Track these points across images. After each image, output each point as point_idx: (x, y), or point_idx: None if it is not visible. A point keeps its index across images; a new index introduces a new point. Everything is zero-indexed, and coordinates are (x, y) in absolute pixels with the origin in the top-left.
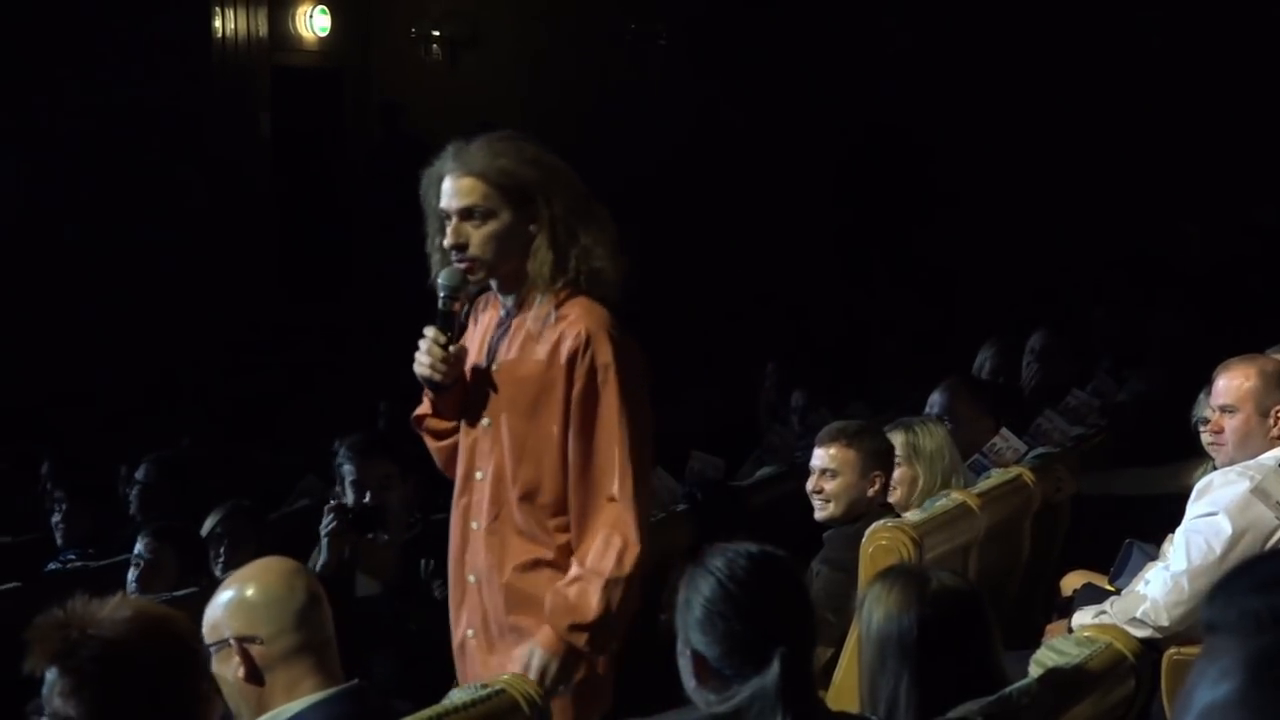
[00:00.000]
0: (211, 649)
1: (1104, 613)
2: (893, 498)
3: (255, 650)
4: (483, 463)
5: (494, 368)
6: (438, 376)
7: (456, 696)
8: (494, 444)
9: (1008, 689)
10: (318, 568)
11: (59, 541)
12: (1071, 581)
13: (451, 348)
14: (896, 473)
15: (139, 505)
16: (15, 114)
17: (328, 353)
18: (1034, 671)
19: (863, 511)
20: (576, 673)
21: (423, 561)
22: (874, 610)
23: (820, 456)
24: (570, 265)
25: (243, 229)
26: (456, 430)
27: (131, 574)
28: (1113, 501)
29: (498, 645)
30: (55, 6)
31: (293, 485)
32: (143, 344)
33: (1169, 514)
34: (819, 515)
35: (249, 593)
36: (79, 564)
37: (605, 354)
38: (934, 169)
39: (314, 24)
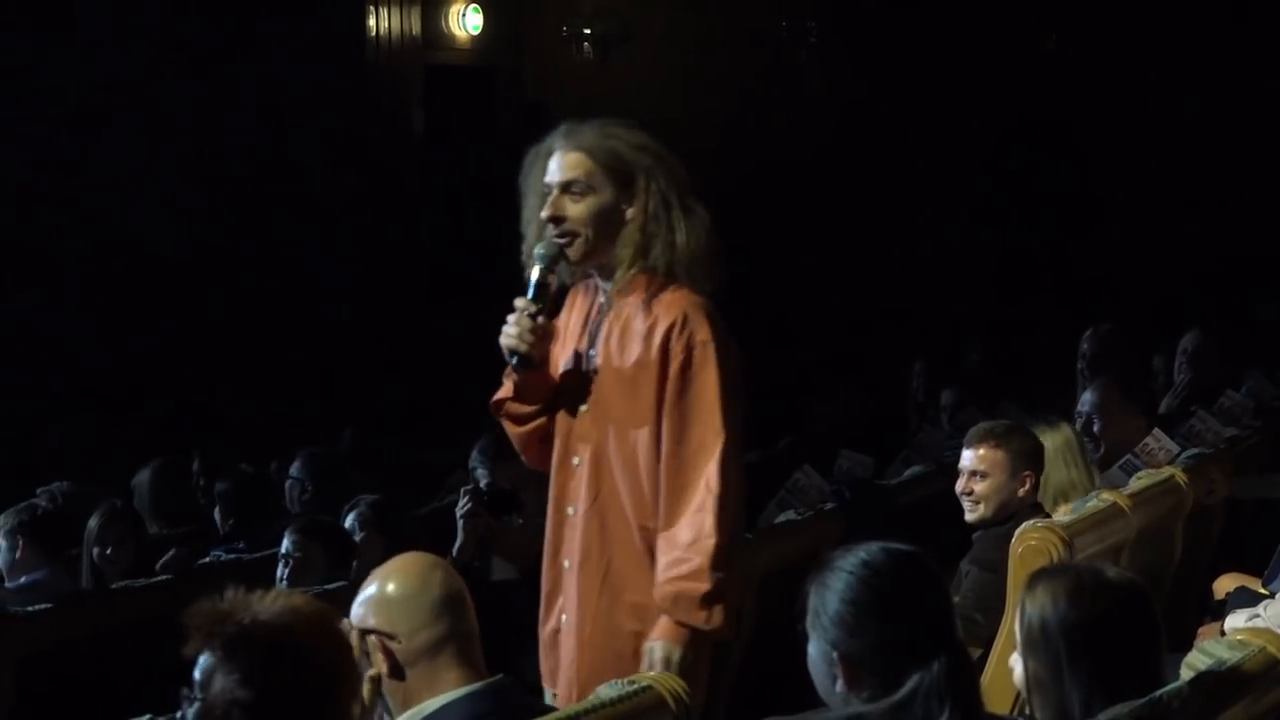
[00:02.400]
0: (357, 639)
1: (1257, 616)
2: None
3: (395, 647)
4: (581, 448)
5: (595, 354)
6: (524, 347)
7: (603, 692)
8: (593, 428)
9: (1158, 692)
10: (454, 552)
11: (221, 533)
12: (1224, 584)
13: (541, 319)
14: None
15: (292, 500)
16: (169, 114)
17: (476, 349)
18: (1185, 674)
19: (1013, 512)
20: (704, 652)
21: None
22: (1035, 608)
23: (969, 458)
24: (654, 253)
25: (395, 227)
26: (538, 416)
27: (281, 569)
28: (1267, 503)
29: (591, 632)
30: (212, 7)
31: (443, 482)
32: (298, 340)
33: None
34: (969, 517)
35: (388, 589)
36: (231, 558)
37: (703, 332)
38: (1088, 167)
39: (466, 23)
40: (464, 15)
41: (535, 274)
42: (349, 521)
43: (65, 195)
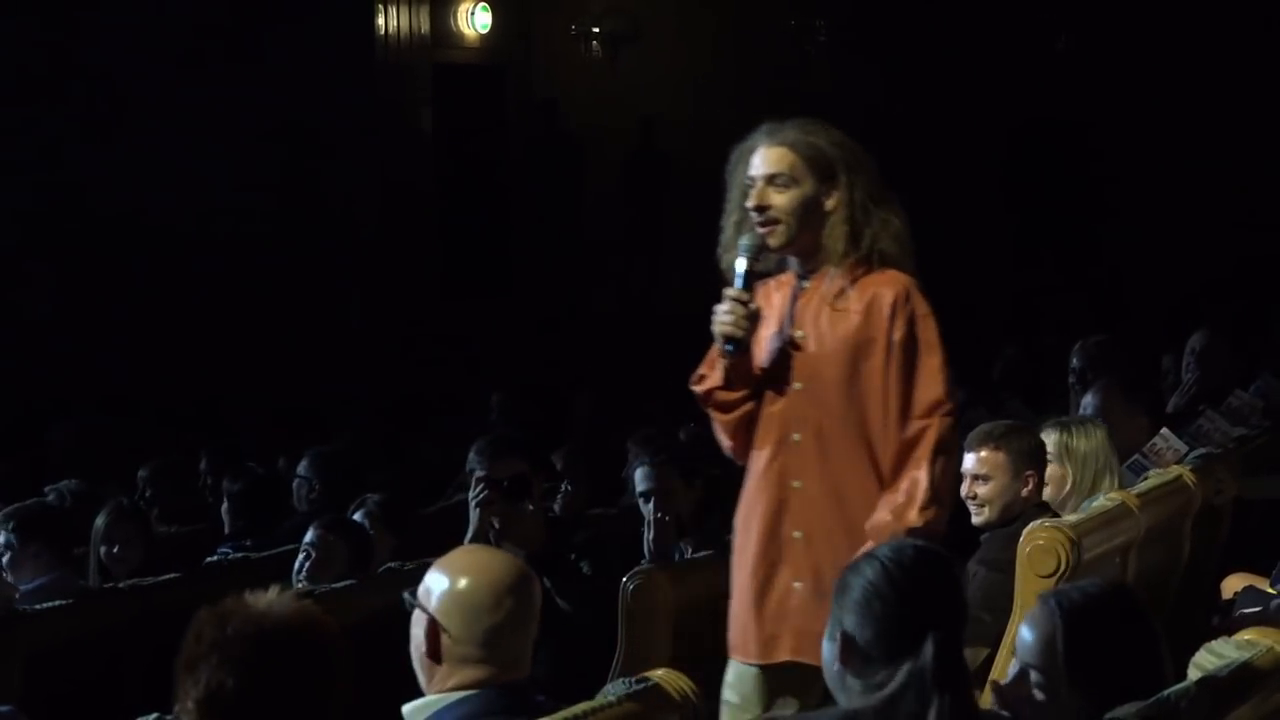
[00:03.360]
0: (412, 606)
1: (1265, 615)
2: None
3: (444, 639)
4: (798, 425)
5: (801, 335)
6: (739, 333)
7: (609, 692)
8: (810, 406)
9: (1165, 691)
10: (467, 540)
11: (227, 531)
12: (1232, 584)
13: (752, 305)
14: (1047, 470)
15: (301, 498)
16: (179, 115)
17: (486, 347)
18: (1192, 674)
19: (1019, 512)
20: None
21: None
22: (1035, 625)
23: (970, 461)
24: (863, 243)
25: (404, 225)
26: (745, 401)
27: (300, 561)
28: (1275, 503)
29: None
30: (222, 7)
31: (452, 480)
32: (309, 339)
33: None
34: (975, 520)
35: (460, 586)
36: (239, 556)
37: (923, 307)
38: (1100, 167)
39: (475, 21)
40: (473, 14)
41: (742, 263)
42: (357, 519)
43: (76, 196)
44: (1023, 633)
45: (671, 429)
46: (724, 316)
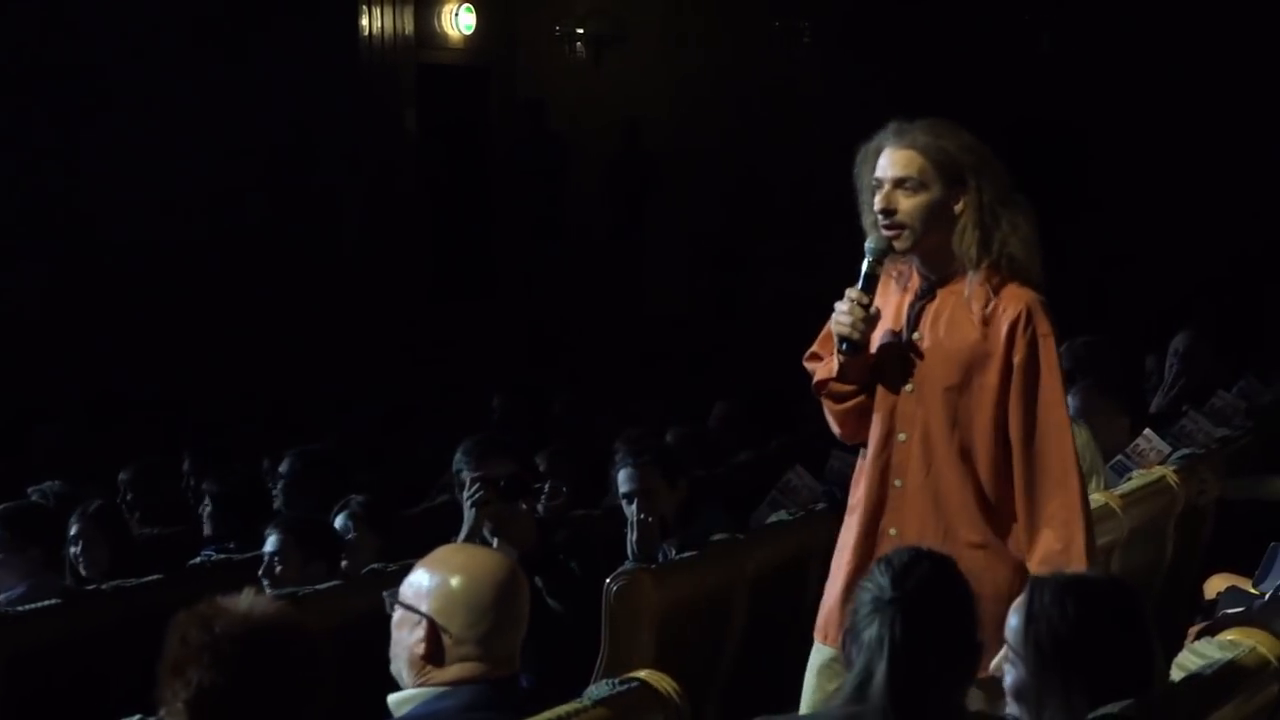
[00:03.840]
0: (400, 607)
1: (1248, 616)
2: None
3: (445, 639)
4: (905, 425)
5: (918, 337)
6: (856, 335)
7: (593, 692)
8: (918, 407)
9: (1149, 692)
10: (460, 538)
11: (207, 533)
12: (1215, 584)
13: (871, 309)
14: None
15: (284, 499)
16: (166, 111)
17: (470, 348)
18: (1176, 674)
19: None
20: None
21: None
22: (1038, 617)
23: None
24: (994, 248)
25: (388, 226)
26: (858, 395)
27: (264, 567)
28: (1258, 504)
29: None
30: (206, 8)
31: (436, 481)
32: (293, 340)
33: None
34: None
35: (461, 585)
36: (222, 558)
37: (1045, 326)
38: (1085, 167)
39: (459, 22)
40: (457, 15)
41: (865, 266)
42: (340, 521)
43: (59, 197)
44: (1011, 620)
45: (659, 429)
46: (843, 317)
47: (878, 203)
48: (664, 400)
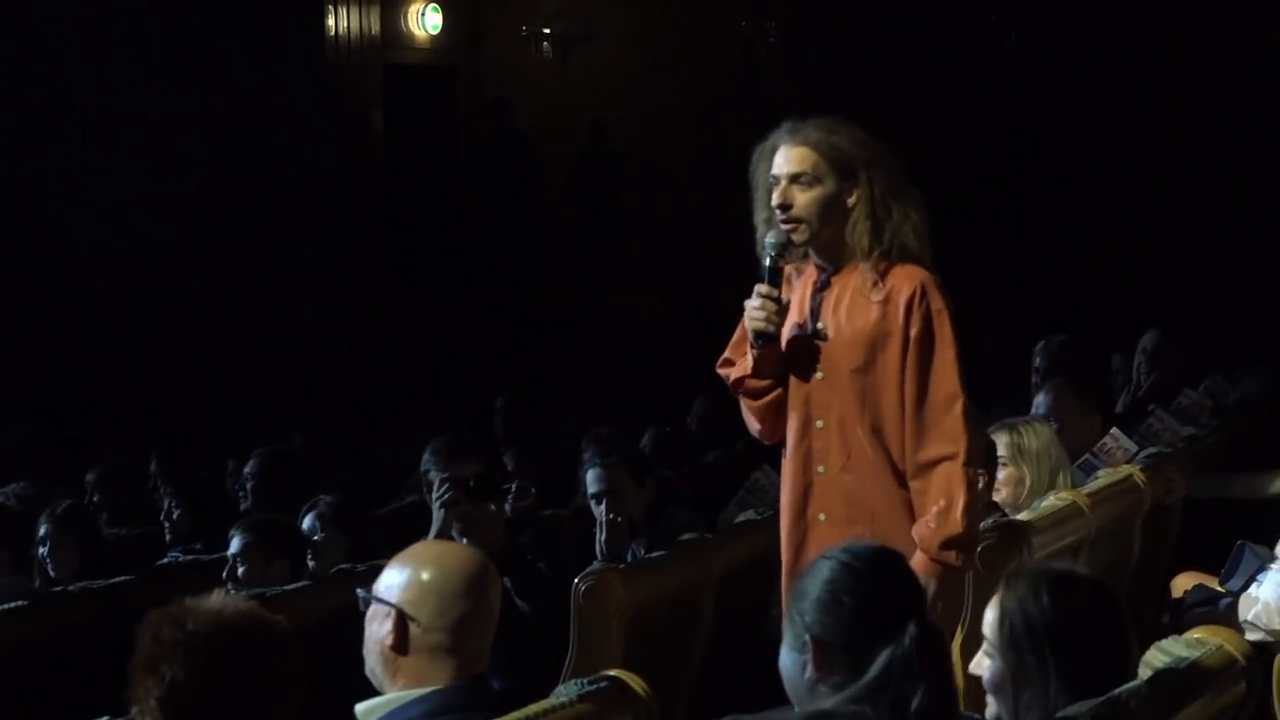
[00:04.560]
0: (373, 601)
1: (1214, 614)
2: (999, 497)
3: (413, 629)
4: (821, 411)
5: (821, 326)
6: (770, 327)
7: (562, 692)
8: (831, 393)
9: (1116, 690)
10: (430, 539)
11: (168, 538)
12: (1182, 582)
13: (782, 301)
14: (1003, 473)
15: (251, 499)
16: (132, 111)
17: (437, 349)
18: (1143, 673)
19: None
20: (953, 587)
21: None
22: (1013, 604)
23: None
24: (885, 237)
25: (355, 225)
26: (774, 389)
27: (228, 569)
28: (1224, 503)
29: None
30: (171, 7)
31: (403, 482)
32: (255, 339)
33: None
34: None
35: (430, 575)
36: (189, 559)
37: (938, 302)
38: (1050, 166)
39: (426, 22)
40: (423, 15)
41: (768, 260)
42: (308, 521)
43: (24, 197)
44: (988, 614)
45: (626, 429)
46: (755, 312)
47: (775, 198)
48: (630, 400)
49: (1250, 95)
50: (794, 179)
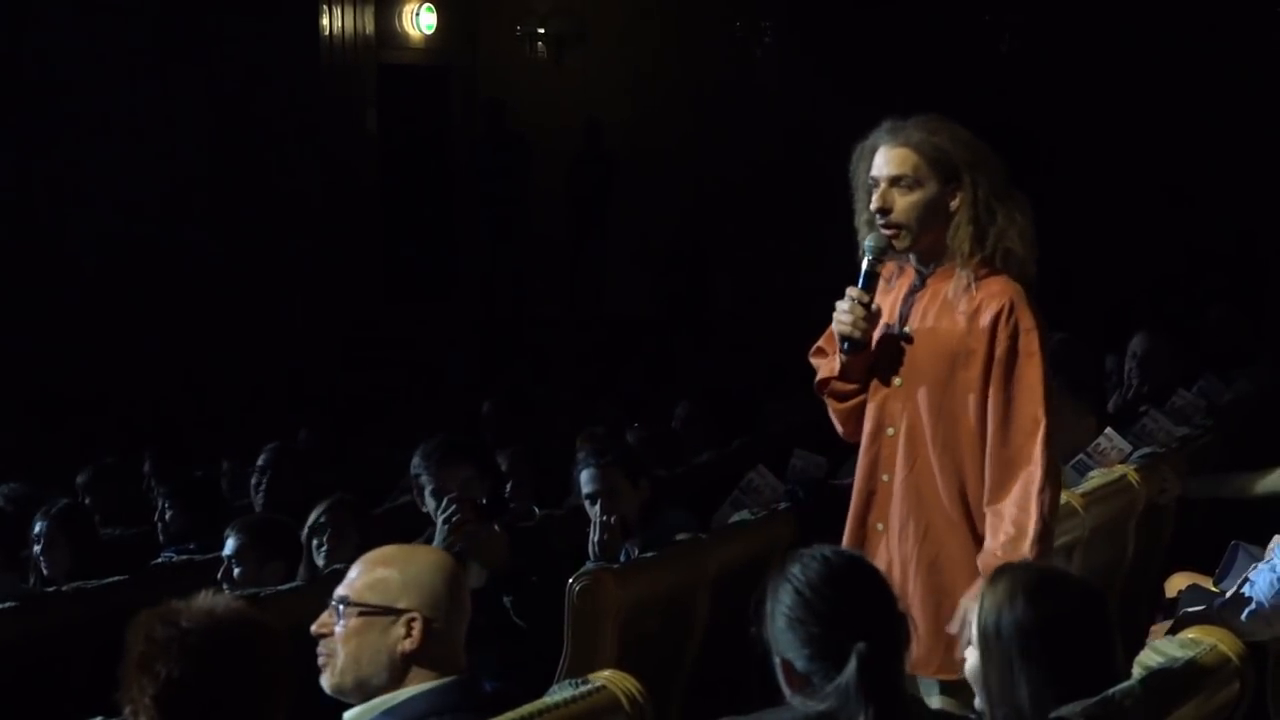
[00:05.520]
0: (366, 611)
1: (1208, 614)
2: None
3: (435, 627)
4: (894, 420)
5: (908, 331)
6: (857, 333)
7: (555, 693)
8: (906, 402)
9: (1110, 690)
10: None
11: (161, 539)
12: (1176, 583)
13: (872, 307)
14: None
15: (265, 495)
16: (128, 111)
17: (428, 350)
18: (1137, 673)
19: None
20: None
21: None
22: (991, 606)
23: None
24: (988, 242)
25: (349, 226)
26: (859, 393)
27: (223, 569)
28: (1218, 503)
29: (904, 590)
30: (166, 7)
31: (397, 482)
32: (249, 339)
33: (1276, 515)
34: None
35: (432, 577)
36: (183, 559)
37: (1028, 320)
38: (1044, 167)
39: (420, 22)
40: (418, 15)
41: (865, 264)
42: (318, 517)
43: (17, 197)
44: (973, 607)
45: (619, 429)
46: (844, 316)
47: (874, 202)
48: (624, 401)
49: (1242, 96)
50: (894, 181)
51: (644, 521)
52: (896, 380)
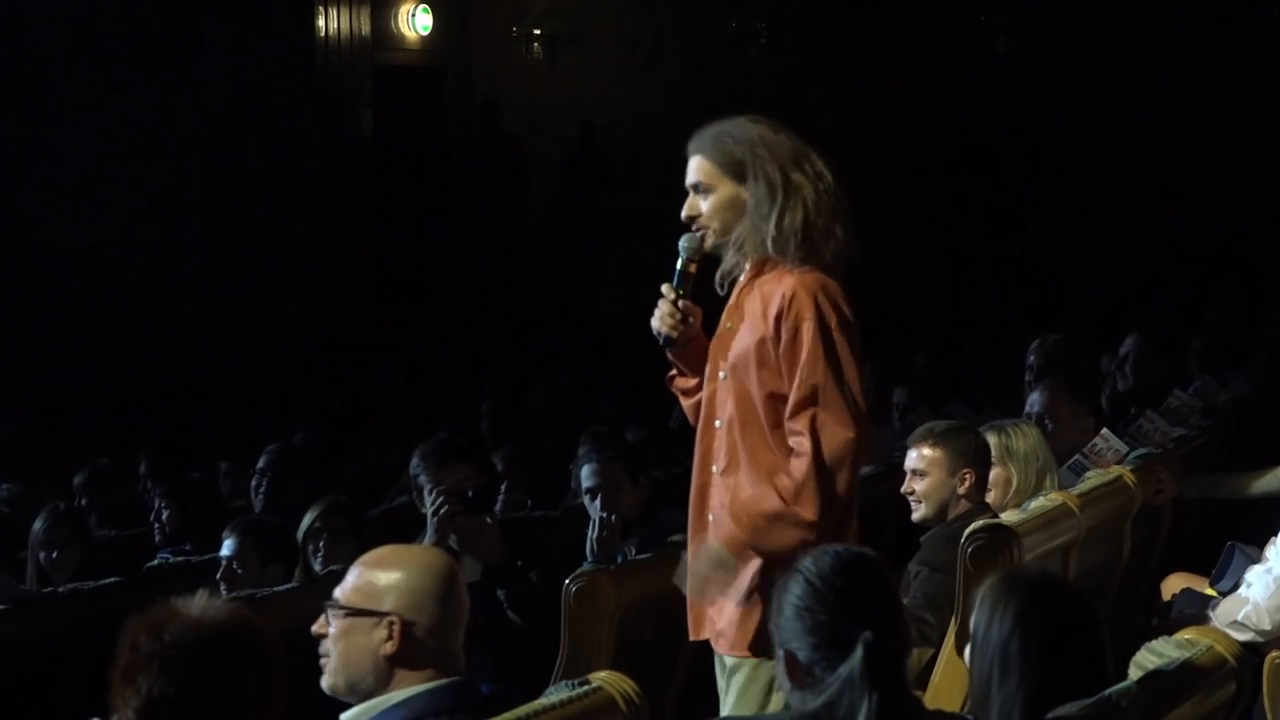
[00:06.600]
0: (350, 614)
1: (1204, 616)
2: (989, 498)
3: (413, 633)
4: (720, 412)
5: (729, 326)
6: (665, 329)
7: (552, 693)
8: (728, 395)
9: (1106, 691)
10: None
11: (156, 539)
12: (1171, 584)
13: (681, 304)
14: (990, 474)
15: (265, 496)
16: (122, 110)
17: (423, 350)
18: (1133, 674)
19: (955, 510)
20: (741, 563)
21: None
22: (985, 615)
23: (911, 458)
24: (782, 233)
25: (344, 226)
26: (699, 389)
27: (221, 570)
28: (1214, 504)
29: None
30: (160, 7)
31: (393, 483)
32: (244, 339)
33: (1271, 516)
34: (914, 517)
35: (419, 580)
36: (179, 560)
37: (807, 310)
38: (1039, 168)
39: (415, 23)
40: (413, 15)
41: (678, 263)
42: (313, 521)
43: (10, 198)
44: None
45: (614, 428)
46: (656, 313)
47: (684, 209)
48: (619, 401)
49: (1237, 96)
50: (694, 189)
51: (642, 521)
52: (721, 374)
